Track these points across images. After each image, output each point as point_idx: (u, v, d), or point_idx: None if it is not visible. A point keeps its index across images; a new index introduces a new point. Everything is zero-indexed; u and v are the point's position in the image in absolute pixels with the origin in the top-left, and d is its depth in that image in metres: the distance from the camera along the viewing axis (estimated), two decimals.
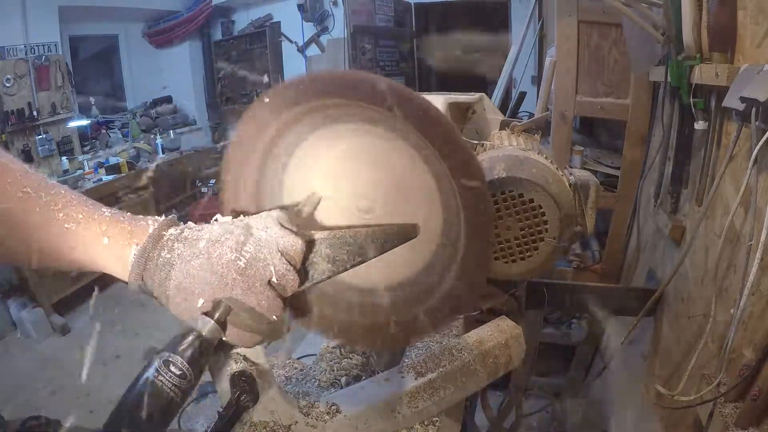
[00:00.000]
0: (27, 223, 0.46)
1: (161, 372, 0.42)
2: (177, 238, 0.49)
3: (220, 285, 0.47)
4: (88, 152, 4.52)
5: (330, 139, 0.64)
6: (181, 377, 0.43)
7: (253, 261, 0.48)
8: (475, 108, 1.22)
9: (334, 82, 0.55)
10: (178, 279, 0.47)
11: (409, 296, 0.67)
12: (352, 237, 0.54)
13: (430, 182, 0.61)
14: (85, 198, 0.50)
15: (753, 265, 0.98)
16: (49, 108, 4.10)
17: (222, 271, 0.47)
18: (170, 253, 0.48)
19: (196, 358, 0.44)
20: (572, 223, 0.89)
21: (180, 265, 0.47)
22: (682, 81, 1.40)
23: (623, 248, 2.34)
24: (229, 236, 0.49)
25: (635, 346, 2.00)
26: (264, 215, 0.53)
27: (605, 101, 2.28)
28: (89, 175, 4.09)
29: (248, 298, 0.47)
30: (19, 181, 0.46)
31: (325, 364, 0.96)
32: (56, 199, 0.47)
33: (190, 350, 0.44)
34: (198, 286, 0.47)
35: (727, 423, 1.04)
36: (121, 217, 0.50)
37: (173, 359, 0.43)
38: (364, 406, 0.74)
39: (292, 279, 0.50)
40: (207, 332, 0.46)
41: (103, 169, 4.15)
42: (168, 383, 0.42)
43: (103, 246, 0.48)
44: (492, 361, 0.86)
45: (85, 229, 0.48)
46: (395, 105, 0.51)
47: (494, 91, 3.65)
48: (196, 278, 0.47)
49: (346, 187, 0.65)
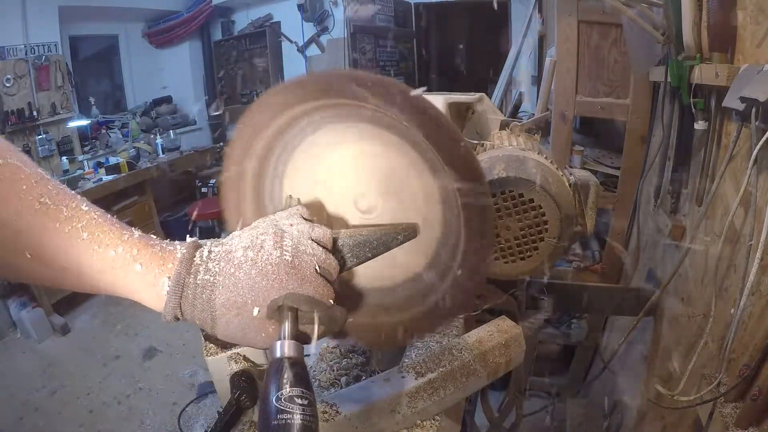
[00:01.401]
0: (46, 240, 0.42)
1: (290, 411, 0.40)
2: (209, 258, 0.47)
3: (274, 285, 0.46)
4: (88, 152, 4.52)
5: (329, 140, 0.64)
6: (309, 405, 0.41)
7: (297, 253, 0.48)
8: (475, 108, 1.22)
9: (332, 82, 0.55)
10: (224, 296, 0.45)
11: (409, 296, 0.67)
12: (353, 237, 0.54)
13: (430, 182, 0.61)
14: (107, 215, 0.46)
15: (753, 265, 0.98)
16: (49, 108, 4.10)
17: (273, 270, 0.46)
18: (207, 274, 0.46)
19: (305, 381, 0.43)
20: (572, 223, 0.89)
21: (223, 281, 0.45)
22: (682, 81, 1.40)
23: (623, 248, 2.34)
24: (264, 237, 0.48)
25: (635, 346, 2.00)
26: (284, 213, 0.53)
27: (605, 101, 2.28)
28: (89, 175, 4.09)
29: (305, 290, 0.47)
30: (35, 188, 0.41)
31: (325, 364, 0.96)
32: (79, 215, 0.43)
33: (296, 377, 0.42)
34: (250, 296, 0.45)
35: (727, 423, 1.04)
36: (151, 241, 0.47)
37: (292, 392, 0.41)
38: (364, 406, 0.74)
39: (334, 263, 0.51)
40: (295, 352, 0.45)
41: (103, 169, 4.15)
42: (303, 416, 0.40)
43: (135, 273, 0.45)
44: (492, 361, 0.86)
45: (115, 252, 0.44)
46: (395, 105, 0.51)
47: (494, 91, 3.65)
48: (246, 288, 0.45)
49: (346, 187, 0.65)
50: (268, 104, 0.58)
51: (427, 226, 0.62)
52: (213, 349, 0.57)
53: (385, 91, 0.51)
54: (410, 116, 0.51)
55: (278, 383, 0.41)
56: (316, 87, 0.55)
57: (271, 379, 0.42)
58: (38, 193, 0.41)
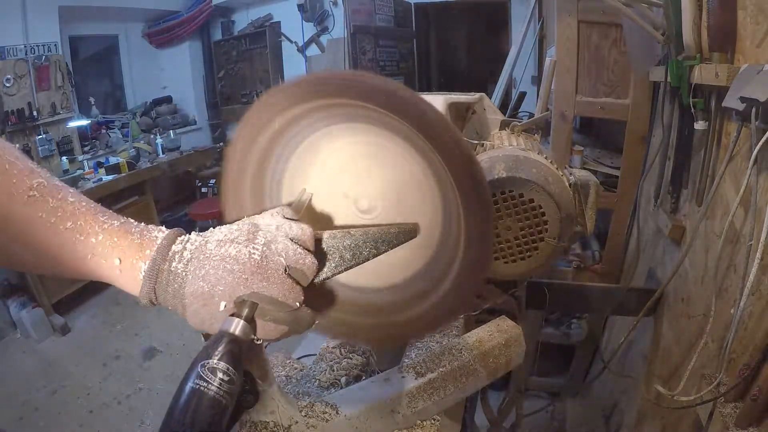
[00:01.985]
0: (33, 230, 0.45)
1: (208, 380, 0.41)
2: (185, 247, 0.48)
3: (239, 282, 0.46)
4: (88, 152, 4.52)
5: (329, 140, 0.64)
6: (229, 382, 0.42)
7: (267, 252, 0.48)
8: (475, 108, 1.22)
9: (332, 82, 0.55)
10: (193, 286, 0.46)
11: (409, 296, 0.67)
12: (352, 237, 0.54)
13: (430, 182, 0.61)
14: (93, 204, 0.49)
15: (753, 265, 0.98)
16: (49, 108, 4.09)
17: (239, 268, 0.46)
18: (181, 263, 0.47)
19: (237, 360, 0.43)
20: (572, 223, 0.89)
21: (193, 271, 0.47)
22: (682, 81, 1.40)
23: (623, 248, 2.34)
24: (237, 233, 0.49)
25: (635, 346, 2.00)
26: (266, 212, 0.53)
27: (605, 101, 2.28)
28: (89, 175, 4.08)
29: (270, 290, 0.47)
30: (24, 181, 0.44)
31: (325, 364, 0.96)
32: (64, 206, 0.46)
33: (229, 354, 0.43)
34: (216, 289, 0.46)
35: (727, 423, 1.04)
36: (132, 228, 0.49)
37: (217, 365, 0.42)
38: (364, 406, 0.74)
39: (310, 262, 0.50)
40: (240, 332, 0.45)
41: (103, 169, 4.14)
42: (218, 390, 0.41)
43: (113, 261, 0.47)
44: (492, 361, 0.86)
45: (95, 240, 0.46)
46: (395, 105, 0.51)
47: (494, 91, 3.65)
48: (213, 281, 0.46)
49: (346, 187, 0.65)
50: (268, 104, 0.58)
51: (427, 226, 0.62)
52: None
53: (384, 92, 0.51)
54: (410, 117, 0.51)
55: (209, 352, 0.43)
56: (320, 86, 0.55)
57: (207, 346, 0.44)
58: (28, 186, 0.45)
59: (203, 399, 0.40)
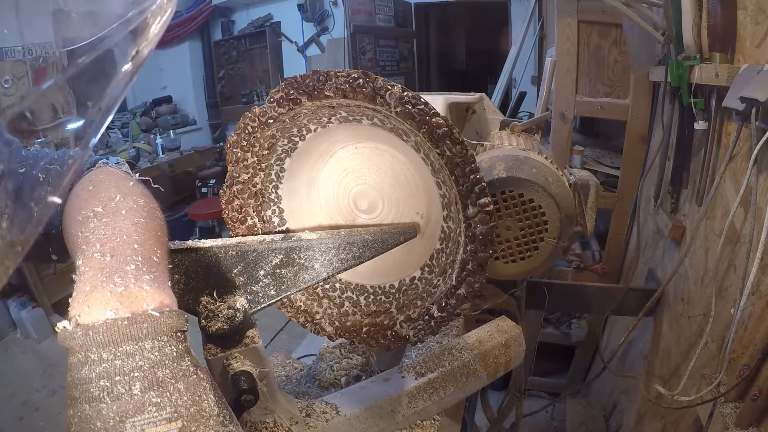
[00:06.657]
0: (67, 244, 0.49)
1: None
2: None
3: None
4: None
5: (330, 140, 0.64)
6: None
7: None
8: (475, 108, 1.22)
9: (333, 82, 0.55)
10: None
11: (409, 296, 0.67)
12: (352, 237, 0.54)
13: (430, 182, 0.61)
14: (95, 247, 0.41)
15: (753, 265, 0.98)
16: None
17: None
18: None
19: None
20: (572, 223, 0.89)
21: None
22: (682, 81, 1.40)
23: (623, 248, 2.34)
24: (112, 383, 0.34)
25: (635, 346, 2.00)
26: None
27: (605, 101, 2.28)
28: None
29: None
30: (85, 208, 0.48)
31: (325, 364, 0.96)
32: (79, 242, 0.44)
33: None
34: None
35: (727, 423, 1.04)
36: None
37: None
38: (364, 406, 0.74)
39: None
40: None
41: None
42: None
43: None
44: (492, 361, 0.86)
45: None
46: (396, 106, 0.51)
47: (494, 91, 3.65)
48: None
49: (346, 187, 0.65)
50: (268, 103, 0.58)
51: (427, 226, 0.62)
52: (213, 350, 0.57)
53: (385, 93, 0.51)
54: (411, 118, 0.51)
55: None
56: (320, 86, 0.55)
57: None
58: (85, 212, 0.47)
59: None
